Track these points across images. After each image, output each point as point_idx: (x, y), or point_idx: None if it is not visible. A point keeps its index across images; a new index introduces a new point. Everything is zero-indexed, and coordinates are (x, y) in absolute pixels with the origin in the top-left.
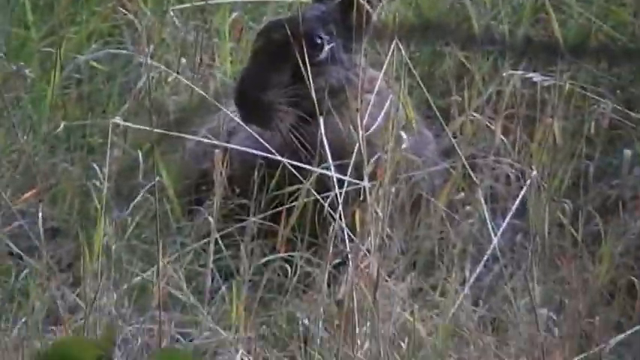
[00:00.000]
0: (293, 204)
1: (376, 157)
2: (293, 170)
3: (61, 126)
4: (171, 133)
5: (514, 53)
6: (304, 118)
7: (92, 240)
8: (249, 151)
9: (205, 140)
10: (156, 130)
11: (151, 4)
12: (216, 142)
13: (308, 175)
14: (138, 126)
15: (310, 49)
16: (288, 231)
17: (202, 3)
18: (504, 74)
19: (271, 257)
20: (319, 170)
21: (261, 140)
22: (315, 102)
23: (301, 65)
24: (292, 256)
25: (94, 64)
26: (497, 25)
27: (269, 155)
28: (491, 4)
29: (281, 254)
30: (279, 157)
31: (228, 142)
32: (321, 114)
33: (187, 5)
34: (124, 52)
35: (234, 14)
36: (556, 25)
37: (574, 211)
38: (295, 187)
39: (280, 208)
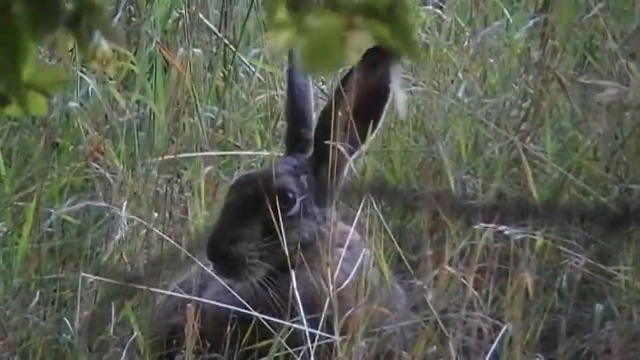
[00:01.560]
0: (264, 358)
1: (349, 312)
2: (266, 324)
3: (33, 280)
4: (142, 287)
5: (486, 208)
6: (275, 272)
7: None
8: (221, 306)
9: (177, 294)
10: (126, 284)
11: (123, 158)
12: (187, 296)
13: (279, 329)
14: (108, 280)
15: (282, 203)
16: None
17: (173, 157)
18: (476, 227)
19: None
20: (291, 324)
21: (234, 293)
22: (287, 256)
23: (273, 219)
24: None
25: (67, 217)
26: (471, 180)
27: (241, 310)
28: (465, 157)
29: None
30: (252, 312)
31: (199, 296)
32: (292, 267)
33: (158, 159)
34: (100, 204)
35: (208, 168)
36: (530, 179)
37: None
38: (268, 341)
39: None
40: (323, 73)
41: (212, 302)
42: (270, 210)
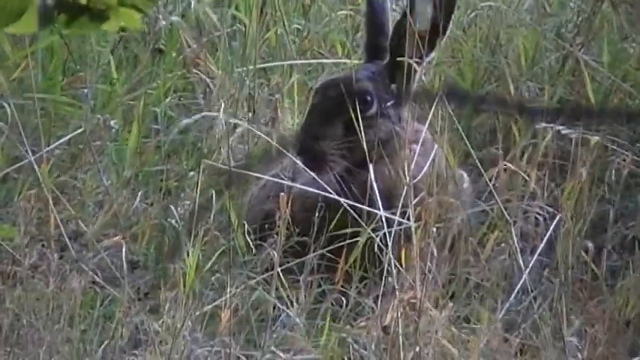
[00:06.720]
0: (348, 242)
1: (419, 200)
2: (352, 211)
3: (141, 171)
4: (242, 172)
5: (547, 111)
6: (354, 168)
7: (168, 272)
8: (310, 193)
9: (272, 179)
10: (227, 173)
11: (221, 65)
12: (281, 182)
13: (362, 216)
14: (212, 166)
15: (361, 105)
16: (346, 266)
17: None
18: (538, 127)
19: (327, 288)
20: (375, 211)
21: (322, 183)
22: (366, 152)
23: (353, 119)
24: (346, 288)
25: (172, 114)
26: (532, 86)
27: (329, 196)
28: (526, 66)
29: (336, 287)
30: (339, 199)
31: (290, 186)
32: (370, 162)
33: (253, 67)
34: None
35: (296, 76)
36: (589, 85)
37: (596, 250)
38: (354, 229)
39: (338, 244)
40: None
41: (303, 187)
42: (351, 111)
